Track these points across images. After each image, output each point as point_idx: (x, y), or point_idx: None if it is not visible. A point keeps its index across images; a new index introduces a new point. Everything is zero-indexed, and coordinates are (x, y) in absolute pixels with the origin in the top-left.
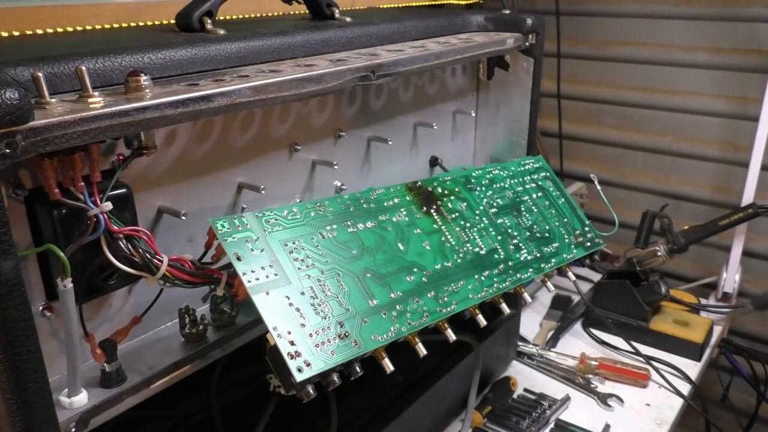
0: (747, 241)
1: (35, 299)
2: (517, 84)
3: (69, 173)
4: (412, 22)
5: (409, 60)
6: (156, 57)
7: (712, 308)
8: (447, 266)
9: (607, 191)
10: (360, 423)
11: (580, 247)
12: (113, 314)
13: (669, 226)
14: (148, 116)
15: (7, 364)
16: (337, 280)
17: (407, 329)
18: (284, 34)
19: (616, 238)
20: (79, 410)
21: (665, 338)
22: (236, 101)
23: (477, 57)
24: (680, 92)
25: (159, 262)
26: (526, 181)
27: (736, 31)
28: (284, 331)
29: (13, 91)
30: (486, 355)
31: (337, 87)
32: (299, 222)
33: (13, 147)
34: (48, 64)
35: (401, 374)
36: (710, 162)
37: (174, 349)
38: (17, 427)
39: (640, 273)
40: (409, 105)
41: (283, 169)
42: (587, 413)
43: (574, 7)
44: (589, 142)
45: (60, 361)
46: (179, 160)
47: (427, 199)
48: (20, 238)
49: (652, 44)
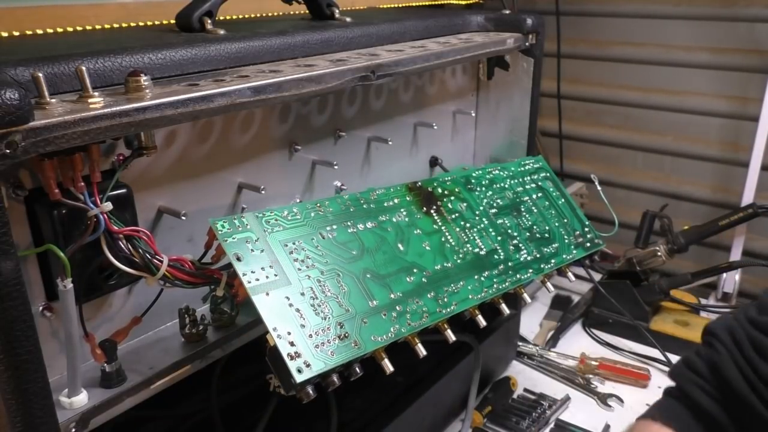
0: (747, 241)
1: (35, 299)
2: (517, 84)
3: (69, 173)
4: (412, 22)
5: (409, 60)
6: (156, 57)
7: (712, 308)
8: (447, 267)
9: (607, 191)
10: (360, 423)
11: (579, 248)
12: (113, 314)
13: (669, 226)
14: (148, 116)
15: (7, 364)
16: (337, 280)
17: (407, 330)
18: (284, 34)
19: (616, 238)
20: (79, 410)
21: (665, 338)
22: (236, 101)
23: (477, 57)
24: (680, 92)
25: (159, 263)
26: (526, 182)
27: (736, 31)
28: (284, 332)
29: (13, 92)
30: (486, 355)
31: (337, 87)
32: (299, 222)
33: (13, 147)
34: (48, 64)
35: (401, 374)
36: (710, 162)
37: (174, 349)
38: (17, 427)
39: (640, 273)
40: (409, 105)
41: (283, 169)
42: (587, 413)
43: (574, 7)
44: (589, 142)
45: (60, 361)
46: (179, 160)
47: (427, 199)
48: (20, 238)
49: (652, 44)
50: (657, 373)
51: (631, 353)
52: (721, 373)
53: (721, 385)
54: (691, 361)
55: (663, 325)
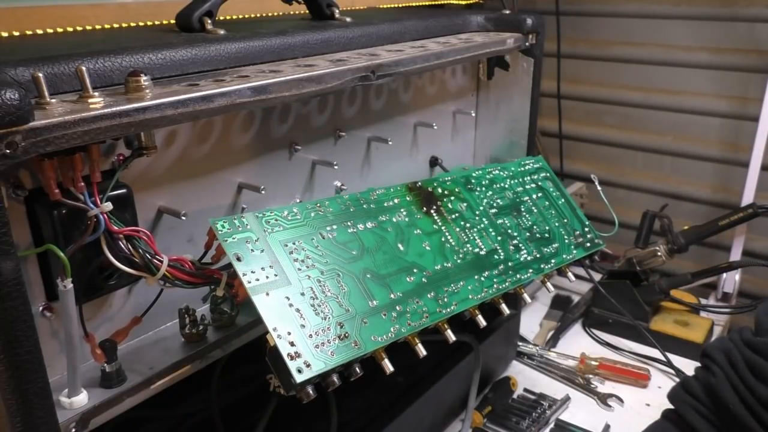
0: (747, 241)
1: (35, 299)
2: (517, 84)
3: (69, 173)
4: (412, 22)
5: (409, 60)
6: (156, 57)
7: (712, 308)
8: (447, 267)
9: (607, 191)
10: (360, 423)
11: (580, 248)
12: (113, 314)
13: (669, 226)
14: (149, 116)
15: (7, 364)
16: (337, 280)
17: (407, 330)
18: (284, 34)
19: (616, 238)
20: (79, 410)
21: (665, 338)
22: (236, 101)
23: (477, 57)
24: (680, 92)
25: (159, 263)
26: (526, 182)
27: (736, 31)
28: (284, 332)
29: (13, 92)
30: (486, 355)
31: (337, 87)
32: (299, 222)
33: (13, 147)
34: (48, 64)
35: (401, 374)
36: (710, 162)
37: (174, 349)
38: (17, 428)
39: (640, 273)
40: (409, 105)
41: (283, 169)
42: (587, 413)
43: (574, 7)
44: (589, 142)
45: (60, 361)
46: (179, 160)
47: (427, 199)
48: (20, 238)
49: (652, 44)
50: (657, 373)
51: (631, 353)
52: (718, 395)
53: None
54: (688, 383)
55: (663, 325)
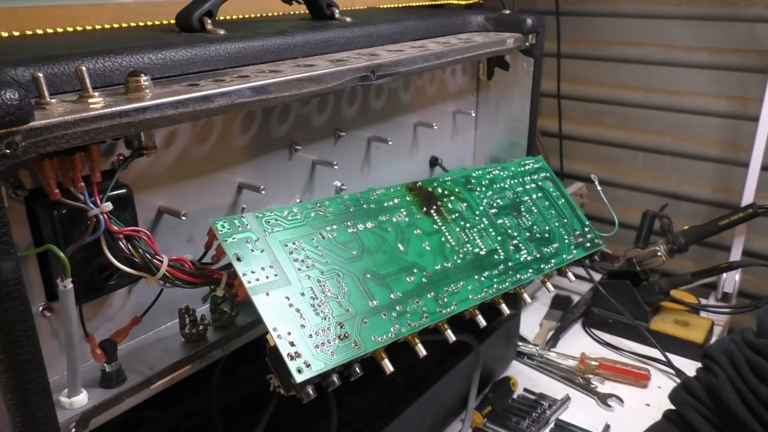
0: (747, 241)
1: (35, 299)
2: (517, 84)
3: (69, 173)
4: (412, 22)
5: (409, 60)
6: (156, 57)
7: (712, 308)
8: (447, 267)
9: (607, 191)
10: (360, 423)
11: (580, 248)
12: (113, 314)
13: (669, 226)
14: (149, 116)
15: (7, 364)
16: (337, 280)
17: (407, 330)
18: (284, 34)
19: (616, 238)
20: (79, 410)
21: (665, 338)
22: (236, 101)
23: (477, 57)
24: (680, 92)
25: (159, 263)
26: (526, 182)
27: (736, 31)
28: (284, 332)
29: (13, 92)
30: (486, 355)
31: (337, 87)
32: (299, 222)
33: (13, 147)
34: (48, 64)
35: (401, 374)
36: (710, 162)
37: (174, 349)
38: (17, 428)
39: (640, 273)
40: (409, 105)
41: (283, 169)
42: (587, 413)
43: (574, 7)
44: (589, 142)
45: (60, 361)
46: (179, 160)
47: (427, 199)
48: (20, 238)
49: (652, 44)
50: (657, 373)
51: (631, 353)
52: (720, 396)
53: (719, 409)
54: (690, 384)
55: (663, 325)
